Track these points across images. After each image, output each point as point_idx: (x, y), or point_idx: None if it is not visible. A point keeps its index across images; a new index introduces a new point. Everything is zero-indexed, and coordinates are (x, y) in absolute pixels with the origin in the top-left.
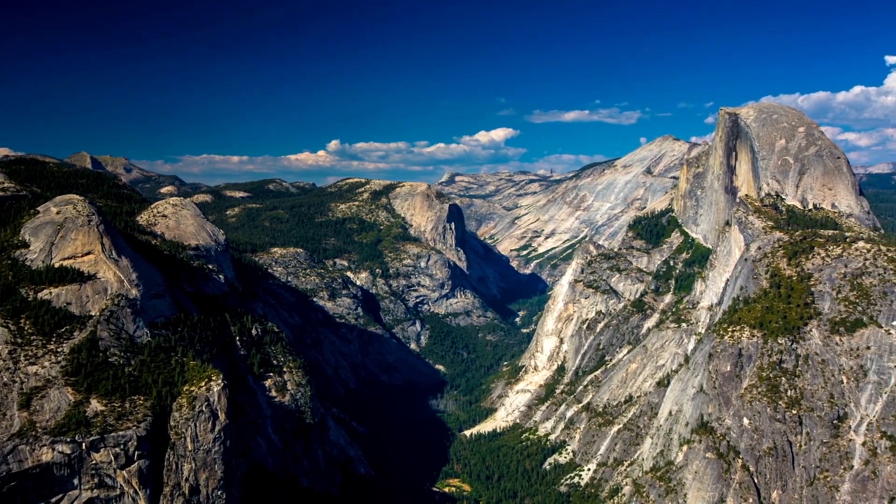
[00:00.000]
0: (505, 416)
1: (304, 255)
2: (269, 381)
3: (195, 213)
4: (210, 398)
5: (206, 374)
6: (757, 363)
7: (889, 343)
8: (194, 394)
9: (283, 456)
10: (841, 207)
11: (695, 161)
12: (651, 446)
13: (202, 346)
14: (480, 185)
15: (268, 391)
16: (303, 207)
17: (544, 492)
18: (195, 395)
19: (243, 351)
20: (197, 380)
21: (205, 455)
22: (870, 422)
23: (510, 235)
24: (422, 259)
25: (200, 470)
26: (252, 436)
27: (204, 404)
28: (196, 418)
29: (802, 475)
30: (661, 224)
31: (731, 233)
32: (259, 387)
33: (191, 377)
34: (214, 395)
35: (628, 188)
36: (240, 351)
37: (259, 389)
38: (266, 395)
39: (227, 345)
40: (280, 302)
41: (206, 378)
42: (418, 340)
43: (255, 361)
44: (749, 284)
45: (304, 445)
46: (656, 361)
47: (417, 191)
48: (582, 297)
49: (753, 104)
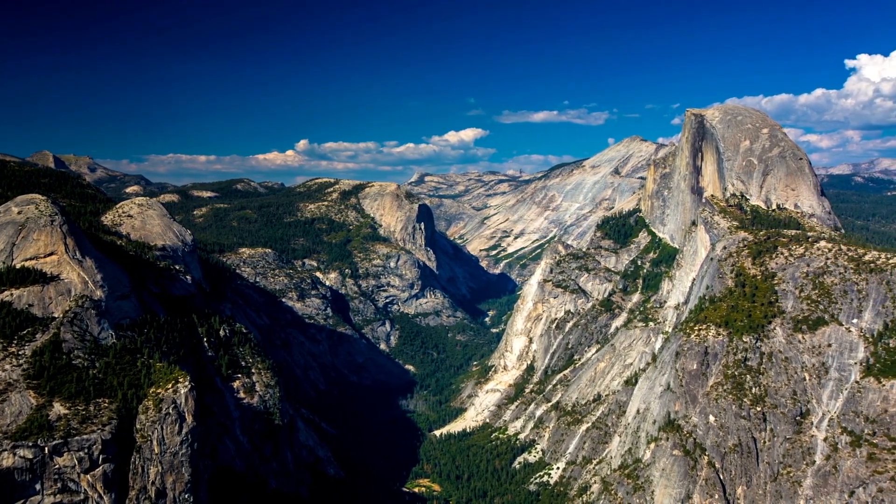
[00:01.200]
0: (475, 415)
1: (272, 256)
2: (238, 382)
3: (162, 213)
4: (177, 400)
5: (173, 375)
6: (722, 361)
7: (849, 340)
8: (161, 396)
9: (252, 458)
10: (803, 208)
11: (662, 162)
12: (619, 444)
13: (169, 348)
14: (450, 186)
15: (236, 392)
16: (271, 207)
17: (514, 491)
18: (162, 397)
19: (211, 352)
20: (164, 382)
21: (171, 458)
22: (831, 418)
23: (480, 235)
24: (391, 259)
25: (167, 473)
26: (220, 438)
27: (171, 406)
28: (163, 421)
29: (766, 471)
30: (629, 224)
31: (698, 233)
32: (227, 388)
33: (157, 379)
34: (181, 397)
35: (597, 188)
36: (207, 352)
37: (227, 391)
38: (234, 396)
39: (195, 346)
40: (248, 303)
41: (172, 380)
42: (388, 341)
43: (224, 363)
44: (715, 283)
45: (273, 447)
46: (624, 360)
47: (387, 191)
48: (551, 296)
49: (719, 106)
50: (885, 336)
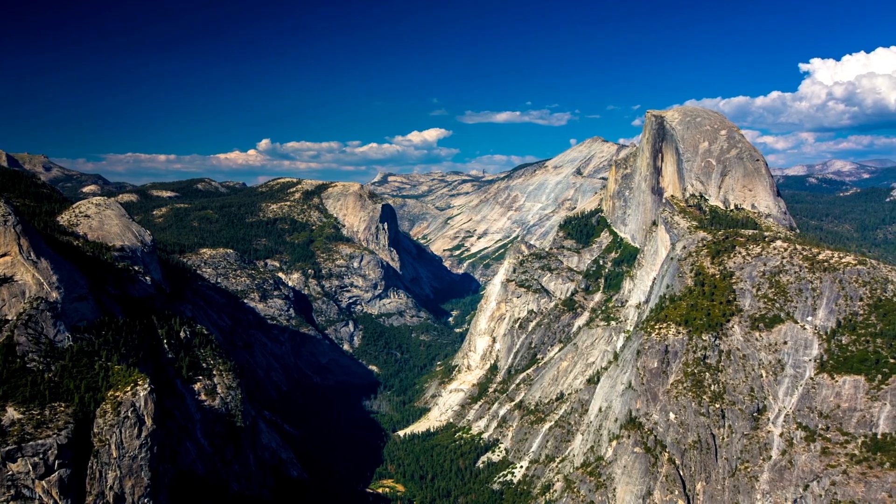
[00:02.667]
0: (438, 415)
1: (234, 256)
2: (199, 384)
3: (120, 214)
4: (136, 403)
5: (132, 378)
6: (682, 359)
7: (804, 338)
8: (119, 399)
9: (213, 461)
10: (760, 208)
11: (623, 162)
12: (582, 442)
13: (128, 350)
14: (413, 186)
15: (197, 395)
16: (233, 207)
17: (478, 490)
18: (120, 400)
19: (171, 354)
20: (122, 385)
21: (130, 462)
22: (787, 413)
23: (443, 235)
24: (355, 259)
25: (126, 477)
26: (180, 441)
27: (130, 410)
28: (121, 424)
29: (725, 466)
30: (591, 224)
31: (658, 232)
32: (188, 391)
33: (116, 382)
34: (141, 400)
35: (559, 189)
36: (168, 354)
37: (188, 393)
38: (195, 398)
39: (155, 348)
40: (210, 304)
41: (131, 383)
42: (351, 341)
43: (184, 365)
44: (675, 283)
45: (235, 449)
46: (587, 359)
47: (350, 191)
48: (514, 296)
49: (678, 107)
50: (838, 333)
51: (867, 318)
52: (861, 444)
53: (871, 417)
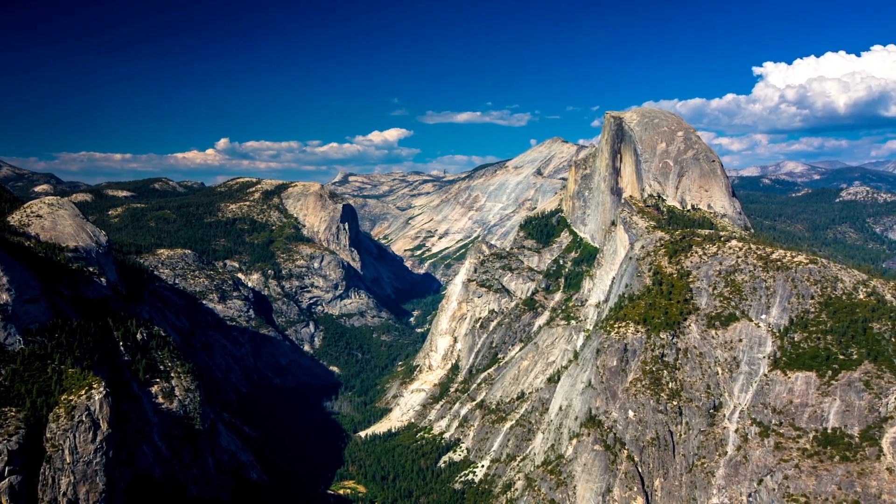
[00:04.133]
0: (400, 415)
1: (192, 257)
2: (156, 387)
3: (74, 213)
4: (91, 407)
5: (87, 381)
6: (641, 357)
7: (758, 335)
8: (73, 403)
9: (171, 464)
10: (716, 208)
11: (582, 163)
12: (542, 441)
13: (82, 353)
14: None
15: (154, 398)
16: (191, 207)
17: (439, 490)
18: (74, 404)
19: (128, 357)
20: (76, 388)
21: (85, 467)
22: (741, 410)
23: (404, 235)
24: (315, 260)
25: (80, 483)
26: (137, 444)
27: (84, 413)
28: (75, 429)
29: (682, 463)
30: (551, 224)
31: (617, 232)
32: (145, 393)
33: (69, 385)
34: (96, 404)
35: (519, 189)
36: (124, 357)
37: (145, 396)
38: (152, 401)
39: (111, 351)
40: (167, 305)
41: (86, 386)
42: (312, 342)
43: (141, 367)
44: (633, 282)
45: (193, 452)
46: (547, 358)
47: (310, 191)
48: (475, 296)
49: (636, 109)
50: (790, 331)
51: (818, 316)
52: (812, 439)
53: (821, 412)
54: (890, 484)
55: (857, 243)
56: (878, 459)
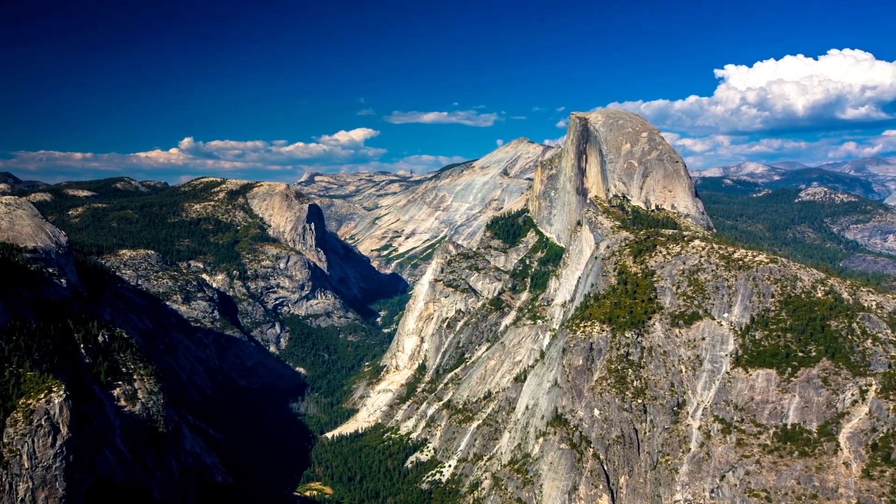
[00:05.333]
0: (367, 416)
1: (155, 257)
2: (118, 389)
3: (32, 213)
4: (50, 411)
5: (46, 385)
6: (606, 356)
7: (721, 334)
8: (32, 407)
9: (134, 468)
10: (679, 208)
11: (548, 163)
12: (509, 440)
13: (41, 356)
14: (341, 186)
15: (116, 400)
16: (154, 207)
17: (406, 490)
18: (33, 408)
19: (89, 359)
20: (35, 392)
21: (44, 472)
22: (704, 407)
23: (371, 236)
24: (281, 260)
25: (39, 489)
26: (99, 448)
27: (43, 418)
28: (34, 433)
29: (647, 460)
30: (518, 224)
31: (583, 232)
32: (106, 396)
33: (28, 389)
34: (55, 408)
35: (486, 189)
36: (85, 359)
37: (106, 399)
38: (114, 404)
39: (71, 353)
40: (130, 306)
41: (45, 389)
42: (278, 343)
43: (102, 370)
44: (599, 281)
45: (157, 456)
46: (514, 358)
47: (276, 190)
48: (442, 296)
49: (601, 110)
50: (751, 329)
51: (778, 314)
52: (773, 435)
53: (781, 409)
54: (846, 478)
55: (816, 243)
56: (836, 454)
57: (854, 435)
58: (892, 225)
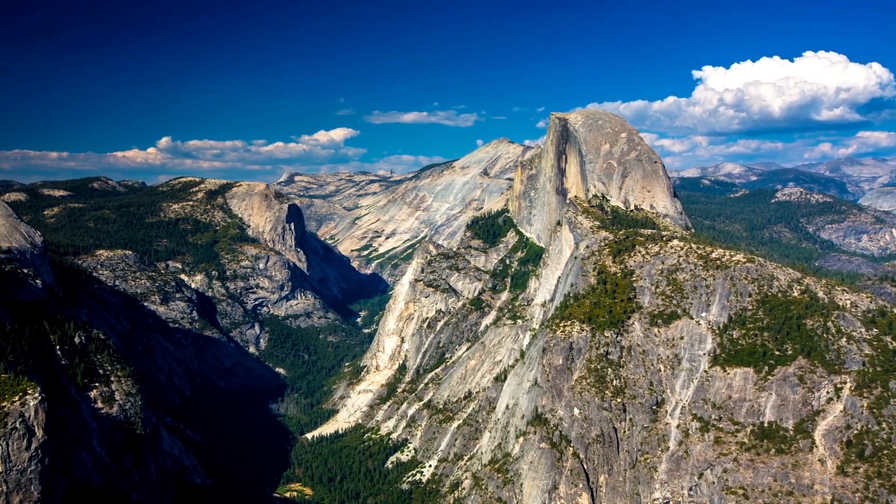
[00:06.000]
0: (347, 416)
1: (133, 258)
2: (95, 391)
3: (7, 213)
4: (25, 413)
5: (21, 387)
6: (586, 356)
7: (699, 333)
8: (6, 410)
9: (111, 471)
10: (658, 208)
11: (528, 163)
12: (489, 440)
13: (16, 358)
14: (320, 186)
15: (93, 402)
16: (131, 207)
17: (387, 490)
18: (7, 410)
19: (65, 361)
20: (9, 394)
21: (18, 476)
22: (683, 406)
23: (351, 236)
24: (260, 260)
25: (13, 493)
26: (75, 451)
27: (18, 421)
28: (8, 436)
29: (626, 459)
30: (498, 224)
31: (562, 232)
32: (83, 398)
33: (2, 392)
34: (30, 410)
35: (466, 189)
36: (61, 361)
37: (83, 401)
38: (91, 406)
39: (46, 355)
40: (107, 307)
41: (20, 392)
42: (257, 343)
43: (79, 371)
44: (578, 281)
45: (134, 458)
46: (494, 357)
47: (255, 190)
48: (422, 296)
49: (581, 110)
50: (729, 328)
51: (755, 313)
52: (750, 433)
53: (758, 407)
54: (822, 474)
55: (792, 242)
56: (811, 451)
57: (829, 432)
58: (866, 225)
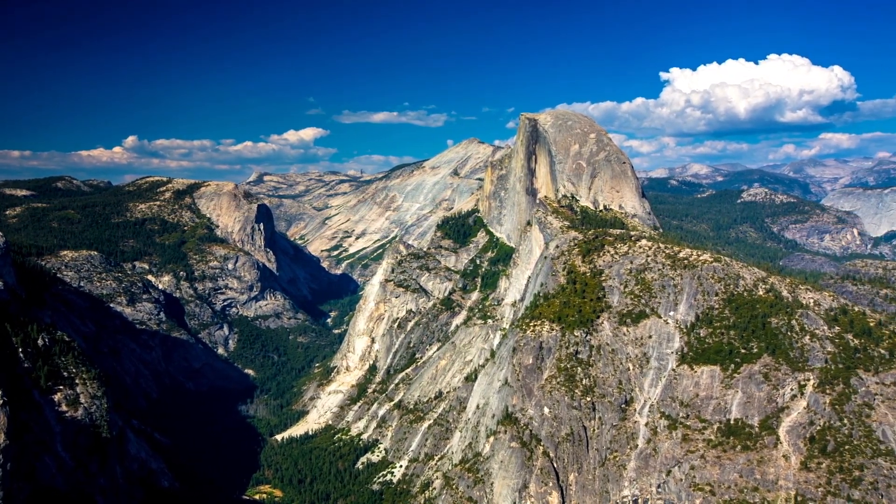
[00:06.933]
0: (317, 417)
1: (98, 259)
2: (59, 394)
3: None
4: None
5: None
6: (556, 355)
7: (667, 332)
8: None
9: (76, 475)
10: (627, 208)
11: (498, 164)
12: (460, 440)
13: None
14: (290, 185)
15: (57, 406)
16: (97, 207)
17: (357, 491)
18: None
19: (28, 363)
20: None
21: None
22: (651, 404)
23: (321, 236)
24: (229, 261)
25: None
26: (38, 456)
27: None
28: None
29: (595, 457)
30: (468, 224)
31: (532, 232)
32: (47, 402)
33: None
34: None
35: (436, 189)
36: (24, 364)
37: (47, 404)
38: (55, 410)
39: (9, 358)
40: (72, 309)
41: None
42: (226, 345)
43: (42, 374)
44: (548, 281)
45: (100, 462)
46: (464, 357)
47: (224, 190)
48: (393, 296)
49: (550, 111)
50: (696, 326)
51: (722, 312)
52: (717, 430)
53: (725, 404)
54: (786, 470)
55: (757, 242)
56: (776, 447)
57: (793, 428)
58: (829, 225)
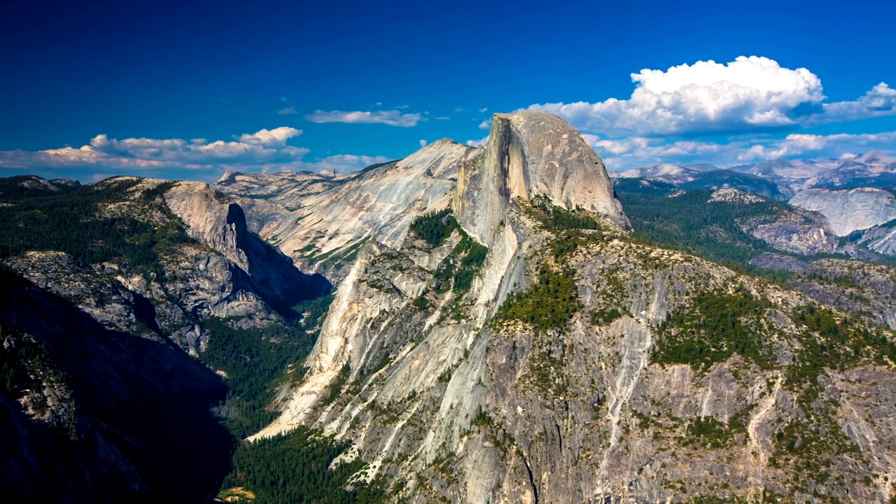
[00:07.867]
0: (290, 419)
1: (66, 259)
2: (25, 397)
3: None
4: None
5: None
6: (529, 354)
7: (639, 331)
8: None
9: (43, 479)
10: (599, 208)
11: (472, 164)
12: (434, 440)
13: None
14: (262, 185)
15: (23, 409)
16: (65, 207)
17: (330, 492)
18: None
19: None
20: None
21: None
22: (623, 402)
23: (294, 236)
24: (201, 261)
25: None
26: (3, 460)
27: None
28: None
29: (568, 456)
30: (442, 224)
31: (506, 232)
32: (12, 405)
33: None
34: None
35: (410, 189)
36: None
37: (12, 408)
38: (21, 413)
39: None
40: (38, 310)
41: None
42: (198, 346)
43: (8, 377)
44: (521, 281)
45: (68, 466)
46: (438, 357)
47: (195, 190)
48: (366, 296)
49: (523, 111)
50: (667, 325)
51: (692, 311)
52: (687, 428)
53: (695, 402)
54: (755, 466)
55: (727, 242)
56: (745, 444)
57: (762, 426)
58: (796, 225)
